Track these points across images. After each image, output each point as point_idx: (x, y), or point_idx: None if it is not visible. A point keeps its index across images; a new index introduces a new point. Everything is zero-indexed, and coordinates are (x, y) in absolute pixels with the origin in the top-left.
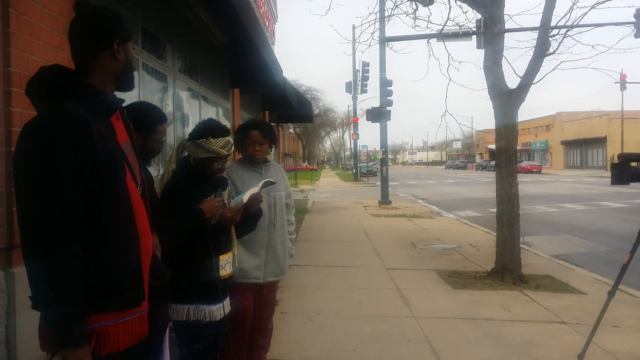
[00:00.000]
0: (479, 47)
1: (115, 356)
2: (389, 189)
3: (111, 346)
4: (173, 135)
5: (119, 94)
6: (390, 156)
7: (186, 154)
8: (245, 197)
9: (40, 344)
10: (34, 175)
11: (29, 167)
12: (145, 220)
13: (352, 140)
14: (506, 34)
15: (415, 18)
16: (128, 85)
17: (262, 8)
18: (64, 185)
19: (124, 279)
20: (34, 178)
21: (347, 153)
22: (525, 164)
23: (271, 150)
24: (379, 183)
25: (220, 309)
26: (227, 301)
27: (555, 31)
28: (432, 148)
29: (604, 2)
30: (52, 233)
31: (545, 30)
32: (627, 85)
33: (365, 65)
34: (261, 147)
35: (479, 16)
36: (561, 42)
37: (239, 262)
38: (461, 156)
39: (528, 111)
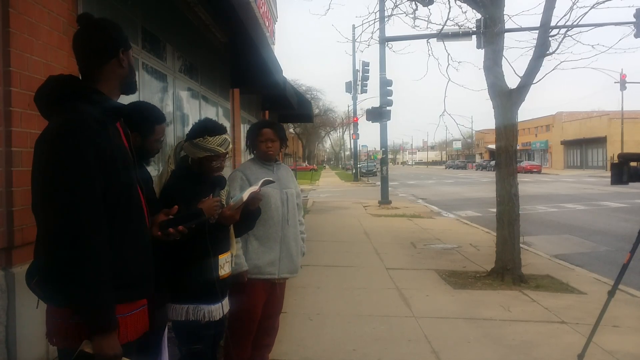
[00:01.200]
0: (478, 47)
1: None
2: (389, 188)
3: (121, 338)
4: (173, 135)
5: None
6: (390, 156)
7: (184, 154)
8: (246, 195)
9: (56, 341)
10: (64, 176)
11: (59, 169)
12: (147, 219)
13: (352, 140)
14: (506, 34)
15: (415, 18)
16: (132, 89)
17: (262, 8)
18: (93, 184)
19: (139, 270)
20: (65, 178)
21: (347, 153)
22: (525, 164)
23: (281, 149)
24: (378, 183)
25: (219, 309)
26: (225, 301)
27: (555, 31)
28: (432, 148)
29: (604, 2)
30: (86, 226)
31: (545, 30)
32: (627, 85)
33: (365, 65)
34: (273, 144)
35: (478, 16)
36: (561, 42)
37: (253, 258)
38: (461, 156)
39: (528, 111)
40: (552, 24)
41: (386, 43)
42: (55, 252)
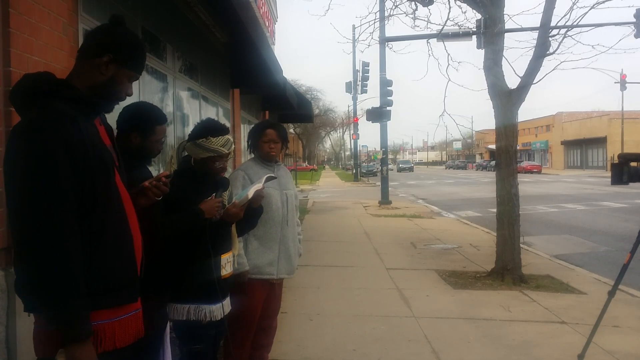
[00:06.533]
0: (479, 47)
1: (111, 354)
2: (389, 189)
3: (107, 344)
4: (173, 135)
5: None
6: (390, 156)
7: (186, 154)
8: (250, 193)
9: (37, 349)
10: (30, 174)
11: (24, 167)
12: (136, 221)
13: (352, 140)
14: (506, 34)
15: (414, 18)
16: (104, 106)
17: (262, 8)
18: (60, 183)
19: (120, 276)
20: (31, 177)
21: (347, 153)
22: (525, 164)
23: (282, 150)
24: (379, 183)
25: (220, 309)
26: (227, 301)
27: (555, 31)
28: (432, 148)
29: (604, 2)
30: (54, 230)
31: (545, 30)
32: (627, 85)
33: (365, 65)
34: (276, 145)
35: (478, 16)
36: (561, 42)
37: (253, 258)
38: (461, 156)
39: (528, 111)
40: (552, 24)
41: (386, 43)
42: (25, 257)
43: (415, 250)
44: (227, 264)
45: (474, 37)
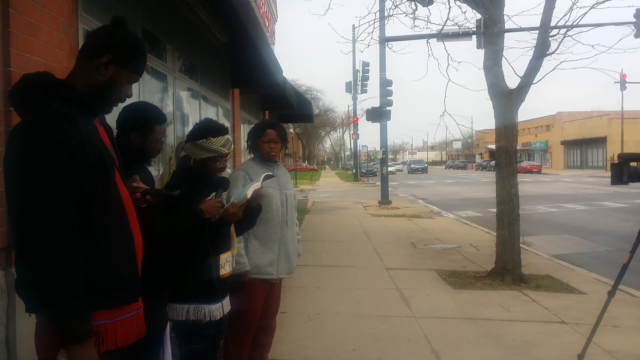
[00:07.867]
0: (479, 47)
1: (113, 354)
2: (389, 189)
3: (109, 344)
4: (173, 135)
5: None
6: (390, 156)
7: (184, 154)
8: (249, 192)
9: (38, 350)
10: (28, 175)
11: (23, 168)
12: (136, 220)
13: (352, 140)
14: (506, 34)
15: (414, 18)
16: (103, 107)
17: (262, 8)
18: (59, 183)
19: (120, 275)
20: (29, 178)
21: (347, 153)
22: (525, 164)
23: (281, 150)
24: (378, 183)
25: (220, 309)
26: (226, 300)
27: (555, 31)
28: (432, 148)
29: (603, 2)
30: (53, 230)
31: (545, 30)
32: (627, 85)
33: (365, 65)
34: (276, 145)
35: (478, 16)
36: (561, 42)
37: (253, 258)
38: (461, 156)
39: (528, 111)
40: (552, 24)
41: (386, 43)
42: (24, 257)
43: (415, 250)
44: (227, 264)
45: (474, 37)
